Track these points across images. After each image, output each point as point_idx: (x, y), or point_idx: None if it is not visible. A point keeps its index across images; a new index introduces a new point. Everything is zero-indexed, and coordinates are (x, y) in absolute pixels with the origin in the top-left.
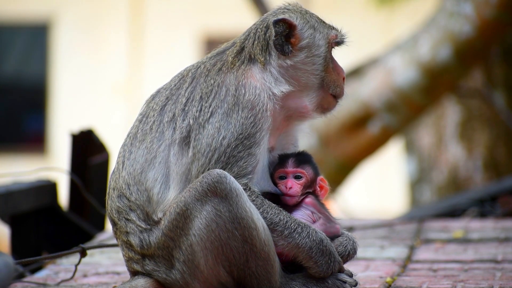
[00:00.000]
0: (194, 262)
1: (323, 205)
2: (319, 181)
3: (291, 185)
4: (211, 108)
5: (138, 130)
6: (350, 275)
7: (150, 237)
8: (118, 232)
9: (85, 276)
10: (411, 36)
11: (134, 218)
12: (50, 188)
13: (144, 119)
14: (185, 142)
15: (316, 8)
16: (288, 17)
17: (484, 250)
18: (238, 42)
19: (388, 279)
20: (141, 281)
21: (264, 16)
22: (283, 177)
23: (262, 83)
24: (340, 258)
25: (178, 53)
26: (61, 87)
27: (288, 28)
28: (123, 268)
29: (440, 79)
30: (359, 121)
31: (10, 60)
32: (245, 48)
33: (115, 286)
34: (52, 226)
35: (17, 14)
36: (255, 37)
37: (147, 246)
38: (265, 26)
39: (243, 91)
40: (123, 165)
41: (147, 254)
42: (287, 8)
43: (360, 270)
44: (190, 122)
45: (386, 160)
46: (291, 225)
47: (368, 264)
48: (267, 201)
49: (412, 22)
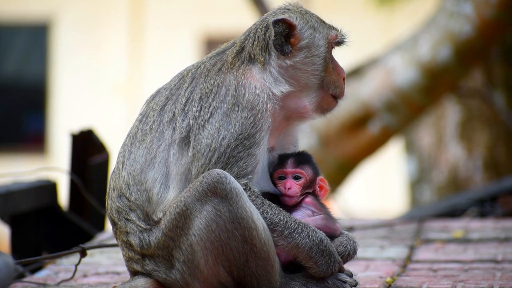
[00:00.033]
0: (194, 262)
1: (323, 205)
2: (318, 181)
3: (290, 185)
4: (210, 108)
5: (138, 130)
6: (350, 275)
7: (150, 237)
8: (118, 232)
9: (85, 276)
10: (411, 36)
11: (134, 218)
12: (50, 188)
13: (144, 119)
14: (185, 142)
15: (316, 8)
16: (287, 17)
17: (484, 250)
18: (238, 42)
19: (388, 279)
20: (141, 281)
21: (264, 16)
22: (282, 178)
23: (262, 83)
24: (340, 258)
25: (178, 53)
26: (61, 87)
27: (287, 28)
28: (123, 268)
29: (440, 79)
30: (359, 121)
31: (10, 60)
32: (245, 48)
33: (115, 286)
34: (52, 226)
35: (17, 14)
36: (255, 37)
37: (147, 246)
38: (265, 26)
39: (243, 91)
40: (123, 165)
41: (147, 254)
42: (287, 8)
43: (360, 270)
44: (190, 122)
45: (386, 160)
46: (291, 225)
47: (368, 264)
48: (267, 201)
49: (412, 22)
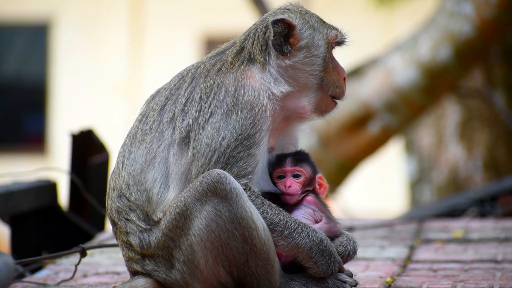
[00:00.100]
0: (194, 262)
1: (324, 204)
2: (317, 179)
3: (290, 183)
4: (210, 109)
5: (138, 130)
6: (350, 275)
7: (150, 237)
8: (118, 232)
9: (85, 276)
10: (411, 36)
11: (134, 218)
12: (50, 188)
13: (144, 119)
14: (185, 142)
15: (316, 8)
16: (287, 17)
17: (484, 250)
18: (238, 42)
19: (388, 279)
20: (141, 281)
21: (264, 16)
22: (282, 177)
23: (262, 83)
24: (340, 258)
25: (178, 53)
26: (61, 87)
27: (287, 28)
28: (123, 268)
29: (440, 79)
30: (359, 121)
31: (10, 60)
32: (244, 48)
33: (115, 286)
34: (52, 226)
35: (17, 14)
36: (255, 37)
37: (147, 246)
38: (264, 26)
39: (242, 92)
40: (122, 165)
41: (147, 254)
42: (287, 8)
43: (360, 270)
44: (189, 122)
45: (386, 160)
46: (291, 225)
47: (368, 264)
48: (267, 201)
49: (412, 22)
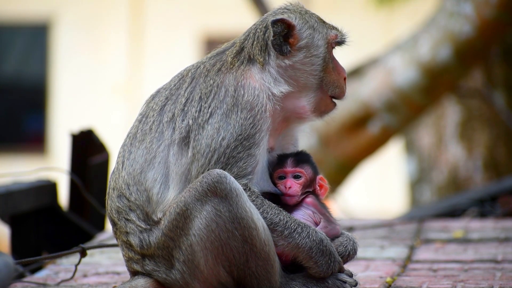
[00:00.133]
0: (194, 262)
1: (323, 205)
2: (318, 180)
3: (290, 184)
4: (210, 109)
5: (137, 130)
6: (350, 275)
7: (150, 237)
8: (118, 232)
9: (85, 276)
10: (411, 36)
11: (134, 218)
12: (50, 188)
13: (143, 119)
14: (185, 143)
15: (316, 8)
16: (286, 17)
17: (484, 250)
18: (238, 43)
19: (388, 279)
20: (141, 281)
21: (264, 16)
22: (282, 177)
23: (261, 83)
24: (340, 258)
25: (178, 53)
26: (61, 87)
27: (286, 28)
28: (123, 268)
29: (440, 79)
30: (359, 121)
31: (10, 60)
32: (244, 48)
33: (115, 286)
34: (52, 226)
35: (17, 14)
36: (255, 37)
37: (147, 246)
38: (264, 26)
39: (242, 92)
40: (122, 165)
41: (147, 254)
42: (287, 8)
43: (360, 270)
44: (189, 123)
45: (386, 160)
46: (291, 225)
47: (368, 264)
48: (267, 201)
49: (412, 22)
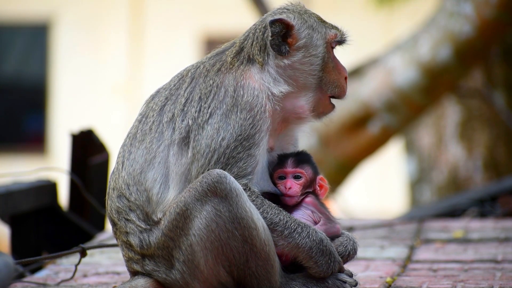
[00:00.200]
0: (194, 262)
1: (323, 205)
2: (318, 181)
3: (290, 185)
4: (210, 109)
5: (137, 130)
6: (350, 275)
7: (150, 237)
8: (118, 232)
9: (85, 276)
10: (411, 36)
11: (133, 218)
12: (50, 188)
13: (143, 119)
14: (185, 143)
15: (316, 8)
16: (285, 17)
17: (484, 250)
18: (237, 43)
19: (388, 279)
20: (141, 281)
21: (264, 17)
22: (283, 177)
23: (261, 83)
24: (340, 258)
25: (178, 53)
26: (61, 87)
27: (285, 28)
28: (123, 268)
29: (440, 79)
30: (359, 121)
31: (10, 60)
32: (244, 48)
33: (115, 286)
34: (52, 226)
35: (17, 14)
36: (254, 38)
37: (147, 246)
38: (263, 26)
39: (242, 92)
40: (122, 165)
41: (147, 254)
42: (286, 8)
43: (360, 270)
44: (189, 123)
45: (386, 160)
46: (291, 225)
47: (368, 264)
48: (267, 201)
49: (412, 22)
